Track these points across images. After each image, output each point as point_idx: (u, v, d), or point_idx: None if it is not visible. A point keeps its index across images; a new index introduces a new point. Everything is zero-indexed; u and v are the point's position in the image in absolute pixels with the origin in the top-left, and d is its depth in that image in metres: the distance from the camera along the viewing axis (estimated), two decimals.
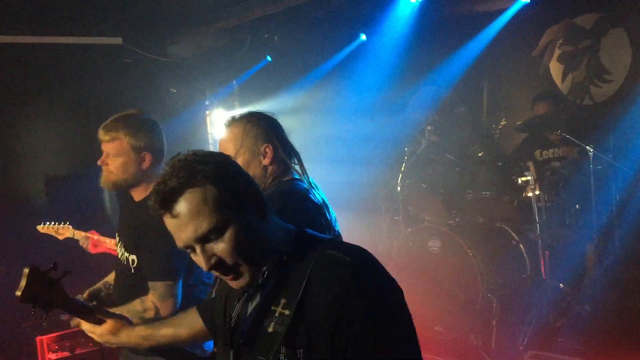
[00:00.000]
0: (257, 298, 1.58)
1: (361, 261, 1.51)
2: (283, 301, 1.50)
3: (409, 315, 1.51)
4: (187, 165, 1.48)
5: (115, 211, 4.46)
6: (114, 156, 2.83)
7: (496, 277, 4.72)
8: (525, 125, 5.30)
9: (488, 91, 6.35)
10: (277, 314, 1.49)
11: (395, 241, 5.44)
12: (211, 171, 1.47)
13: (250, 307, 1.58)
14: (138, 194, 2.92)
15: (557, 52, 6.00)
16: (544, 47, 6.07)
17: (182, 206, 1.44)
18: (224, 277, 1.51)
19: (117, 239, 3.02)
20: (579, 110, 5.81)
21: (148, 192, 2.84)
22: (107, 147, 2.85)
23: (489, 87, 6.34)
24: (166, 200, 1.45)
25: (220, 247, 1.46)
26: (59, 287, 2.08)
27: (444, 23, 6.13)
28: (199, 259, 1.48)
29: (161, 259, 2.71)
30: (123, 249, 2.92)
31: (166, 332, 2.08)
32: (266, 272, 1.52)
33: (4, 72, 5.17)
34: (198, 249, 1.46)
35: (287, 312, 1.47)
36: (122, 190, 2.97)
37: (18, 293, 1.98)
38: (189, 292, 2.77)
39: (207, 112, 6.72)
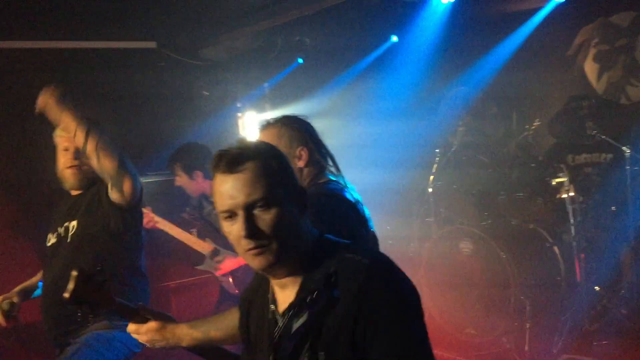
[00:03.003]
0: (305, 316, 1.56)
1: (379, 264, 1.56)
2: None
3: (424, 319, 1.56)
4: (257, 142, 1.69)
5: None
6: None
7: (529, 280, 4.66)
8: (556, 127, 5.23)
9: (521, 92, 6.28)
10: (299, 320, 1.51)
11: (427, 243, 5.41)
12: (277, 158, 1.62)
13: (296, 325, 1.56)
14: (80, 190, 3.15)
15: (592, 51, 5.90)
16: (579, 46, 5.98)
17: (245, 168, 1.54)
18: (251, 251, 1.55)
19: (49, 235, 3.18)
20: (615, 111, 5.71)
21: (88, 186, 3.12)
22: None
23: (522, 87, 6.26)
24: (233, 160, 1.54)
25: (264, 217, 1.54)
26: (105, 289, 2.12)
27: (477, 23, 6.07)
28: (235, 227, 1.55)
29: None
30: (58, 229, 3.10)
31: (209, 330, 2.11)
32: (316, 293, 1.51)
33: (39, 77, 5.27)
34: (241, 214, 1.54)
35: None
36: (84, 188, 3.14)
37: (66, 295, 2.03)
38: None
39: (239, 115, 6.77)
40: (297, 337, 1.55)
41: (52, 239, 3.16)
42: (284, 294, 1.66)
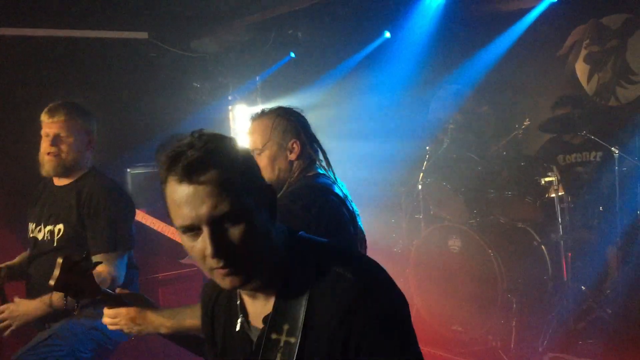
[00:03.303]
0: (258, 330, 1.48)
1: (366, 279, 1.40)
2: (286, 327, 1.40)
3: (414, 332, 1.43)
4: (217, 140, 1.38)
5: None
6: (66, 136, 3.04)
7: (517, 278, 4.68)
8: (547, 126, 5.26)
9: (512, 91, 6.30)
10: (282, 344, 1.39)
11: (415, 240, 5.43)
12: (242, 159, 1.40)
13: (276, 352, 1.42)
14: (62, 180, 3.15)
15: (583, 52, 5.93)
16: (570, 47, 6.01)
17: (207, 178, 1.31)
18: (219, 271, 1.36)
19: (31, 225, 3.18)
20: (604, 112, 5.74)
21: (76, 176, 3.13)
22: (57, 128, 3.04)
23: (513, 86, 6.28)
24: (192, 167, 1.31)
25: (232, 231, 1.33)
26: (90, 277, 2.12)
27: (469, 21, 6.08)
28: (198, 244, 1.35)
29: (107, 232, 2.96)
30: (42, 226, 3.10)
31: (184, 319, 2.10)
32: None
33: (29, 65, 5.24)
34: (206, 230, 1.32)
35: (292, 340, 1.38)
36: (64, 175, 3.14)
37: (51, 282, 2.03)
38: None
39: (230, 107, 6.75)
40: (259, 354, 1.43)
41: (35, 233, 3.14)
42: (255, 304, 1.51)
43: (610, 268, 4.83)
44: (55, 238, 3.05)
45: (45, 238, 3.09)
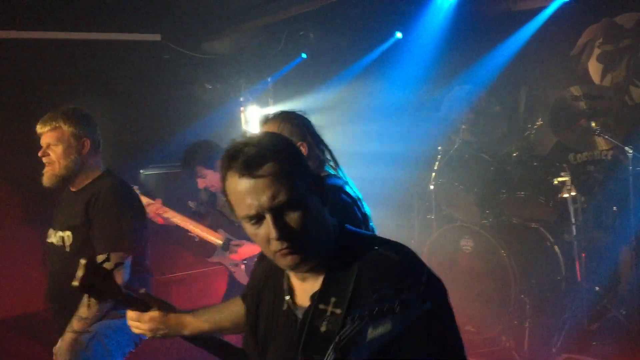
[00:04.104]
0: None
1: (409, 259, 1.53)
2: (333, 299, 1.50)
3: (453, 314, 1.53)
4: (271, 138, 1.57)
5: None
6: (55, 145, 3.06)
7: (530, 279, 4.66)
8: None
9: (524, 91, 6.27)
10: (328, 313, 1.48)
11: (428, 240, 5.41)
12: (293, 151, 1.57)
13: (324, 323, 1.52)
14: (76, 185, 3.15)
15: (596, 51, 5.89)
16: (583, 46, 5.97)
17: (266, 170, 1.47)
18: (282, 251, 1.51)
19: (49, 231, 3.21)
20: (618, 110, 5.70)
21: (86, 182, 3.14)
22: (47, 138, 3.07)
23: (526, 86, 6.26)
24: (250, 162, 1.47)
25: (291, 216, 1.49)
26: (112, 278, 2.14)
27: (481, 21, 6.07)
28: (262, 230, 1.51)
29: (110, 233, 2.95)
30: (56, 232, 3.13)
31: (212, 319, 2.12)
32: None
33: (43, 68, 5.29)
34: (269, 217, 1.48)
35: (338, 310, 1.47)
36: (63, 184, 3.15)
37: (75, 283, 2.05)
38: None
39: (242, 109, 6.77)
40: (307, 320, 1.52)
41: (52, 238, 3.18)
42: (303, 285, 1.63)
43: (624, 268, 4.80)
44: (67, 244, 3.08)
45: (58, 243, 3.12)
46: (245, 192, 1.48)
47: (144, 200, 3.99)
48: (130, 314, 2.19)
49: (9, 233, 4.90)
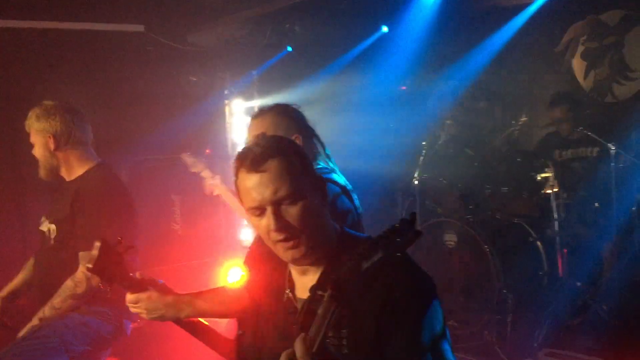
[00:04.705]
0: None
1: (405, 257, 1.61)
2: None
3: (440, 309, 1.64)
4: (276, 139, 1.72)
5: None
6: (33, 141, 3.14)
7: (512, 274, 4.69)
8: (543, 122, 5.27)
9: (509, 87, 6.30)
10: (326, 298, 1.51)
11: None
12: (297, 152, 1.69)
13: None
14: (68, 175, 3.18)
15: (580, 48, 5.93)
16: (567, 43, 6.01)
17: (270, 166, 1.60)
18: (282, 244, 1.62)
19: (42, 218, 3.21)
20: (601, 108, 5.74)
21: (79, 172, 3.15)
22: (30, 134, 3.15)
23: (511, 82, 6.28)
24: (256, 159, 1.61)
25: (292, 212, 1.61)
26: (123, 262, 2.14)
27: (467, 16, 6.07)
28: (264, 222, 1.62)
29: (94, 229, 2.89)
30: (47, 222, 3.13)
31: (212, 301, 2.19)
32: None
33: (23, 57, 5.21)
34: (270, 210, 1.60)
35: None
36: (53, 176, 3.19)
37: (89, 265, 2.07)
38: None
39: (226, 102, 6.73)
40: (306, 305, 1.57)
41: (43, 226, 3.17)
42: (303, 279, 1.72)
43: (605, 264, 4.84)
44: (51, 236, 3.08)
45: (47, 233, 3.12)
46: (251, 186, 1.62)
47: (207, 174, 4.02)
48: (130, 296, 2.22)
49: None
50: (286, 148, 1.67)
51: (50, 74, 5.22)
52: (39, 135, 3.11)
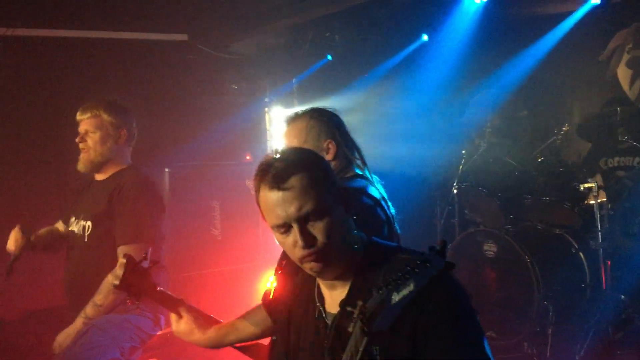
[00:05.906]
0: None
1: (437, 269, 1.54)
2: (359, 303, 1.49)
3: (478, 320, 1.59)
4: (298, 152, 1.69)
5: None
6: (92, 132, 3.16)
7: (553, 285, 4.61)
8: (586, 132, 5.17)
9: (551, 95, 6.21)
10: (355, 315, 1.49)
11: (450, 244, 5.38)
12: (320, 165, 1.66)
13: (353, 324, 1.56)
14: (102, 174, 3.24)
15: (625, 56, 5.80)
16: (612, 51, 5.89)
17: (293, 182, 1.57)
18: (308, 259, 1.60)
19: (71, 219, 3.26)
20: None
21: (113, 171, 3.22)
22: (86, 124, 3.17)
23: (553, 91, 6.19)
24: (279, 176, 1.58)
25: (317, 225, 1.59)
26: (149, 276, 2.18)
27: (509, 24, 6.01)
28: (290, 239, 1.61)
29: (133, 223, 2.99)
30: (79, 221, 3.18)
31: (236, 334, 2.20)
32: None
33: (71, 66, 5.35)
34: (296, 227, 1.58)
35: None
36: (96, 170, 3.24)
37: (116, 282, 2.11)
38: None
39: (266, 109, 6.80)
40: (335, 323, 1.60)
41: (74, 226, 3.23)
42: (332, 294, 1.71)
43: None
44: (86, 234, 3.13)
45: (79, 232, 3.18)
46: (274, 203, 1.59)
47: None
48: (175, 327, 2.27)
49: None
50: (309, 162, 1.65)
51: (96, 82, 5.35)
52: (107, 127, 3.17)
